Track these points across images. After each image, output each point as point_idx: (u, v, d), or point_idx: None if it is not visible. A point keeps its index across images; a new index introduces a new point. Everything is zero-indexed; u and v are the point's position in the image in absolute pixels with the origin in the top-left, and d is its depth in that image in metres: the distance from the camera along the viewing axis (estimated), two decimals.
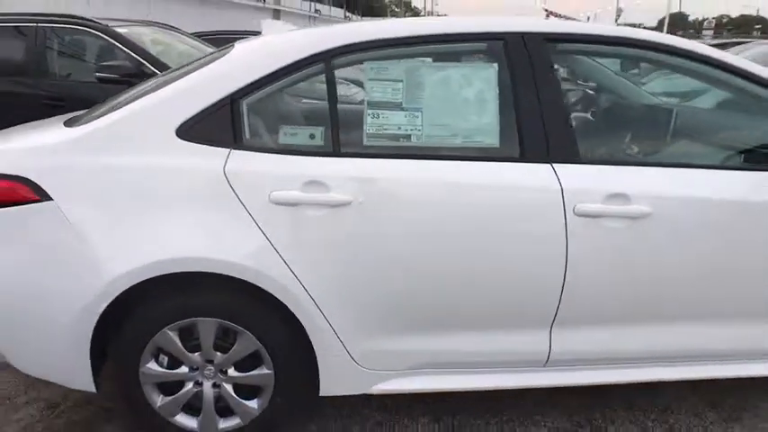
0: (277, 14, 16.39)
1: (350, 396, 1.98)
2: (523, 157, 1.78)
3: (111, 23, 4.21)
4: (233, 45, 1.94)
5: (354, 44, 1.81)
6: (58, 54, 4.08)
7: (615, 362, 1.96)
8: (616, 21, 50.70)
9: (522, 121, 1.78)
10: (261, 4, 15.05)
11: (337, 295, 1.77)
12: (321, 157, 1.76)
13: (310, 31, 1.94)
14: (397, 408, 2.14)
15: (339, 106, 1.78)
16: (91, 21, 4.07)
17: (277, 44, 1.87)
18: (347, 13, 26.46)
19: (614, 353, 1.93)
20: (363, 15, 34.92)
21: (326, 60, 1.78)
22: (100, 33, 3.99)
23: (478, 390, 1.96)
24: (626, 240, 1.77)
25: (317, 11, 20.92)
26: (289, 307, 1.76)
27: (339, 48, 1.80)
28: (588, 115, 2.04)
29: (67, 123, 1.92)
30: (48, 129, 1.95)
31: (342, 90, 1.82)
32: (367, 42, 1.81)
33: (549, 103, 1.78)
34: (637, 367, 1.97)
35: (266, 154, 1.75)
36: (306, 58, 1.78)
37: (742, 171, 1.87)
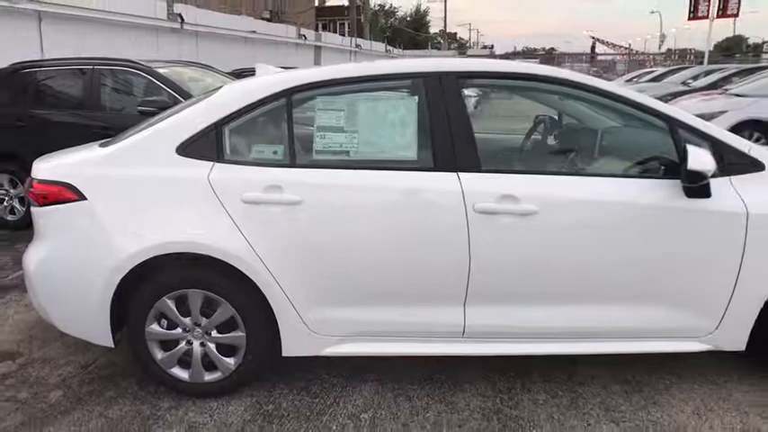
0: (318, 51, 17.46)
1: (314, 363, 2.49)
2: (436, 167, 2.27)
3: (154, 64, 5.03)
4: (221, 86, 2.56)
5: (308, 84, 2.38)
6: (110, 91, 4.91)
7: (523, 336, 2.38)
8: (660, 47, 50.09)
9: (435, 139, 2.28)
10: (302, 41, 16.10)
11: (291, 273, 2.30)
12: (280, 168, 2.32)
13: (279, 75, 2.52)
14: (351, 374, 2.62)
15: (295, 130, 2.35)
16: (137, 63, 4.89)
17: (252, 84, 2.47)
18: (388, 47, 27.53)
19: (520, 328, 2.35)
20: (405, 48, 36.14)
21: (287, 96, 2.36)
22: (144, 73, 4.80)
23: (406, 355, 2.42)
24: (517, 233, 2.23)
25: (357, 45, 21.98)
26: (255, 282, 2.30)
27: (297, 86, 2.38)
28: (488, 133, 2.50)
29: (101, 145, 2.57)
30: (87, 149, 2.61)
31: (297, 116, 2.38)
32: (318, 82, 2.39)
33: (457, 125, 2.28)
34: (541, 342, 2.38)
35: (240, 165, 2.33)
36: (272, 95, 2.37)
37: (615, 178, 2.28)
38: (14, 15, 6.53)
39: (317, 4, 37.22)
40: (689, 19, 22.46)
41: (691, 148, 2.10)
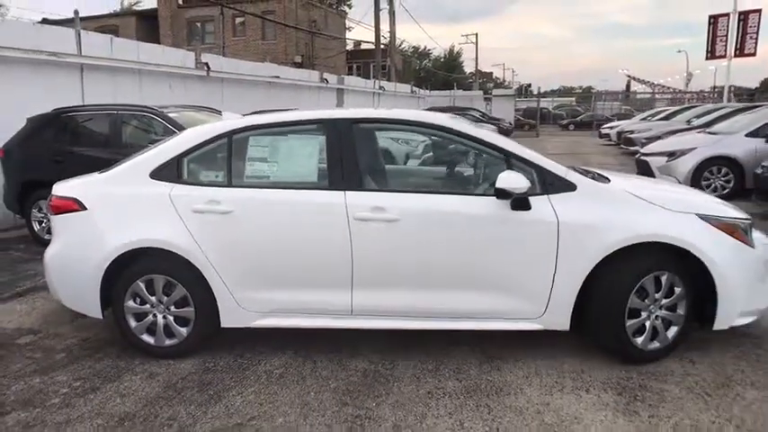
0: (341, 93, 18.75)
1: (253, 339, 3.31)
2: (330, 187, 3.11)
3: (168, 109, 6.13)
4: (185, 128, 3.50)
5: (244, 127, 3.30)
6: (130, 131, 6.02)
7: (399, 315, 3.12)
8: (687, 85, 49.77)
9: (331, 167, 3.13)
10: (324, 85, 17.41)
11: (225, 264, 3.15)
12: (220, 187, 3.21)
13: (226, 121, 3.45)
14: (277, 346, 3.40)
15: (231, 161, 3.24)
16: (152, 108, 5.99)
17: (205, 128, 3.40)
18: (414, 89, 28.76)
19: (396, 308, 3.10)
20: (436, 89, 37.40)
21: (229, 136, 3.28)
22: (157, 117, 5.88)
23: (310, 328, 3.21)
24: (385, 235, 3.02)
25: (381, 87, 23.25)
26: (200, 270, 3.16)
27: (236, 129, 3.29)
28: (372, 163, 3.31)
29: (100, 171, 3.53)
30: (91, 175, 3.58)
31: (237, 152, 3.28)
32: (251, 126, 3.30)
33: (347, 157, 3.12)
34: (413, 320, 3.12)
35: (192, 186, 3.23)
36: (218, 135, 3.29)
37: (462, 195, 3.05)
38: (60, 66, 7.86)
39: (351, 47, 39.38)
40: (707, 59, 22.82)
41: (502, 174, 2.86)
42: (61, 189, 3.46)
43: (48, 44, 7.81)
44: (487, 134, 3.15)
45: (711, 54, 22.46)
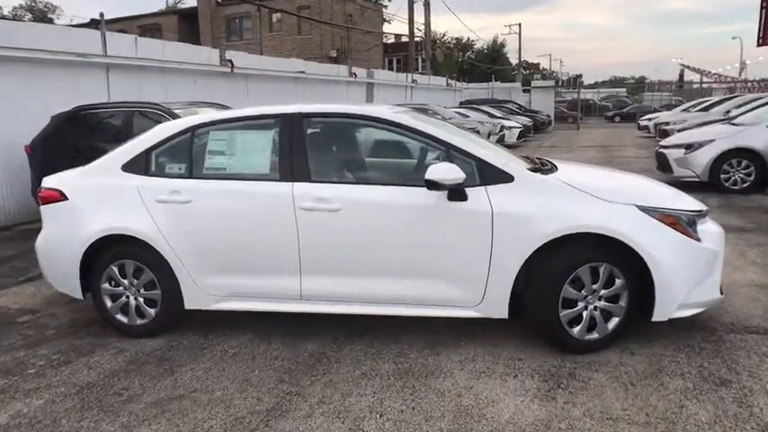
0: (371, 88, 18.89)
1: (213, 322, 3.55)
2: (280, 179, 3.28)
3: (175, 105, 6.49)
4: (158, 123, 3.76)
5: (206, 123, 3.51)
6: (139, 126, 6.41)
7: (344, 300, 3.27)
8: (740, 74, 46.84)
9: (282, 160, 3.30)
10: (353, 79, 17.61)
11: (187, 250, 3.38)
12: (181, 179, 3.44)
13: (190, 117, 3.67)
14: (238, 328, 3.62)
15: (192, 154, 3.47)
16: (159, 105, 6.36)
17: (171, 123, 3.63)
18: (450, 82, 28.53)
19: (341, 294, 3.25)
20: (476, 81, 36.95)
21: (192, 131, 3.51)
22: (164, 113, 6.24)
23: (265, 311, 3.40)
24: (328, 225, 3.16)
25: (413, 81, 23.22)
26: (164, 255, 3.41)
27: (198, 125, 3.52)
28: (318, 156, 3.44)
29: (83, 165, 3.84)
30: (75, 169, 3.89)
31: (197, 145, 3.51)
32: (212, 121, 3.51)
33: (296, 150, 3.28)
34: (358, 305, 3.26)
35: (157, 177, 3.48)
36: (182, 131, 3.52)
37: (402, 186, 3.13)
38: (87, 66, 8.40)
39: (392, 40, 39.46)
40: (758, 45, 21.41)
41: (432, 166, 2.94)
42: (49, 181, 3.79)
43: (75, 46, 8.37)
44: (429, 128, 3.23)
45: (763, 40, 21.07)
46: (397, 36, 41.05)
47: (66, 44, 8.26)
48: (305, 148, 3.29)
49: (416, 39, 30.31)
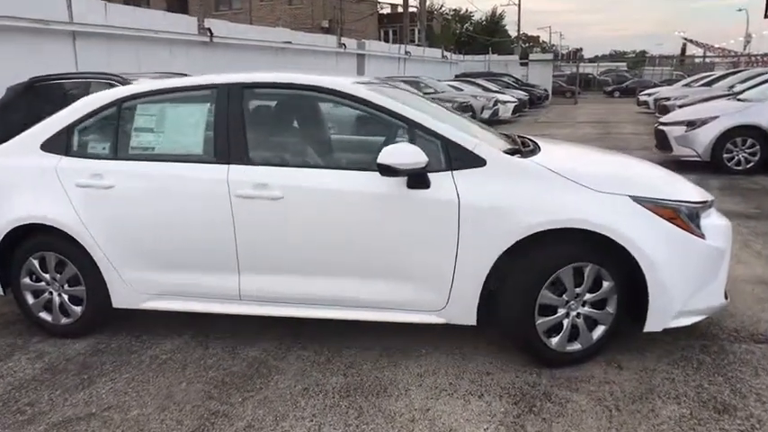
0: (361, 59, 18.18)
1: (149, 321, 3.12)
2: (214, 161, 2.81)
3: (132, 77, 5.95)
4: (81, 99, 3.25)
5: (134, 94, 3.01)
6: None
7: (290, 302, 2.83)
8: (745, 48, 45.75)
9: (217, 138, 2.82)
10: (342, 50, 16.89)
11: (110, 241, 2.93)
12: (104, 160, 2.97)
13: (117, 88, 3.17)
14: (176, 330, 3.20)
15: (118, 131, 2.99)
16: (116, 75, 5.82)
17: (96, 96, 3.14)
18: (445, 54, 27.67)
19: (286, 295, 2.81)
20: (473, 54, 35.99)
21: (118, 104, 3.01)
22: (118, 84, 5.71)
23: (199, 312, 2.97)
24: (270, 215, 2.71)
25: (407, 53, 22.44)
26: (87, 248, 2.97)
27: (125, 97, 3.02)
28: (259, 134, 2.96)
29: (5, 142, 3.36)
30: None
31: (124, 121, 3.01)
32: (141, 93, 3.01)
33: (233, 127, 2.80)
34: (307, 308, 2.83)
35: (78, 158, 3.00)
36: (107, 104, 3.03)
37: (355, 171, 2.66)
38: (49, 34, 7.81)
39: (389, 10, 38.23)
40: (766, 17, 20.69)
41: (387, 147, 2.47)
42: None
43: (36, 11, 7.75)
44: (390, 102, 2.73)
45: None
46: (393, 6, 39.79)
47: (26, 9, 7.64)
48: (244, 125, 2.81)
49: (412, 9, 29.29)
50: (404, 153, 2.46)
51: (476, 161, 2.59)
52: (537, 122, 16.95)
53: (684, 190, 2.76)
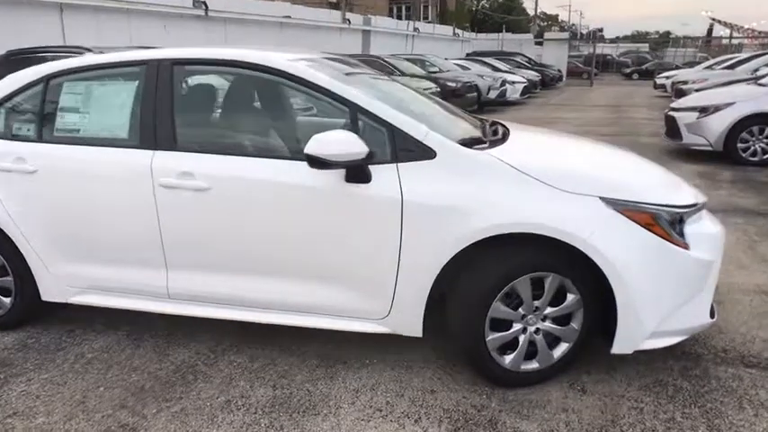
0: (367, 36, 17.60)
1: (88, 314, 2.90)
2: (139, 145, 2.52)
3: (104, 51, 5.67)
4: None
5: (61, 71, 2.72)
6: None
7: (221, 303, 2.57)
8: None
9: (144, 120, 2.52)
10: (347, 26, 16.34)
11: (35, 231, 2.68)
12: (28, 143, 2.70)
13: (47, 64, 2.88)
14: (110, 325, 2.96)
15: (44, 111, 2.71)
16: (87, 49, 5.54)
17: (23, 72, 2.85)
18: (456, 31, 26.83)
19: (216, 295, 2.54)
20: (489, 32, 35.00)
21: (45, 82, 2.73)
22: None
23: (127, 309, 2.72)
24: (194, 207, 2.42)
25: (415, 29, 21.76)
26: (11, 236, 2.72)
27: (52, 73, 2.73)
28: (188, 117, 2.65)
29: None
30: None
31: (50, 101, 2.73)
32: (68, 69, 2.71)
33: (161, 108, 2.50)
34: (239, 310, 2.56)
35: (3, 140, 2.73)
36: (33, 81, 2.75)
37: (288, 160, 2.34)
38: (37, 6, 7.53)
39: None
40: None
41: (317, 135, 2.16)
42: None
43: None
44: (331, 82, 2.39)
45: None
46: None
47: None
48: (172, 106, 2.51)
49: None
50: (337, 142, 2.14)
51: (425, 153, 2.26)
52: (547, 105, 16.35)
53: (670, 191, 2.40)
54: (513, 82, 15.47)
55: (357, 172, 2.23)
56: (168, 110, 2.50)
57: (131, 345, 2.79)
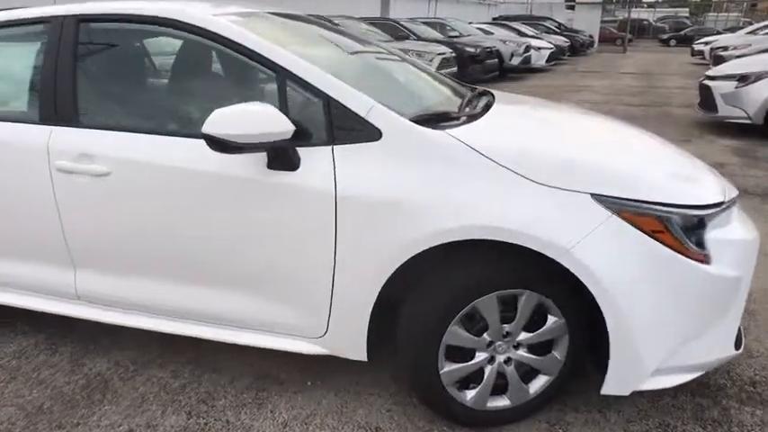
0: (386, 1, 16.74)
1: (13, 314, 2.52)
2: (40, 120, 2.07)
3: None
4: None
5: None
6: None
7: (137, 309, 2.15)
8: None
9: (44, 91, 2.07)
10: None
11: None
12: None
13: None
14: (38, 326, 2.58)
15: None
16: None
17: None
18: None
19: (131, 300, 2.12)
20: None
21: None
22: None
23: (24, 308, 2.32)
24: (95, 196, 1.99)
25: None
26: None
27: None
28: (93, 86, 2.17)
29: None
30: None
31: None
32: None
33: (63, 75, 2.04)
34: (157, 318, 2.14)
35: None
36: None
37: (194, 139, 1.86)
38: None
39: None
40: None
41: (218, 110, 1.67)
42: None
43: None
44: (259, 41, 1.88)
45: None
46: None
47: None
48: (75, 73, 2.05)
49: None
50: (248, 119, 1.65)
51: (368, 132, 1.76)
52: (574, 72, 15.35)
53: (687, 185, 1.84)
54: (539, 48, 14.52)
55: (280, 156, 1.75)
56: (70, 78, 2.04)
57: (48, 350, 2.42)
